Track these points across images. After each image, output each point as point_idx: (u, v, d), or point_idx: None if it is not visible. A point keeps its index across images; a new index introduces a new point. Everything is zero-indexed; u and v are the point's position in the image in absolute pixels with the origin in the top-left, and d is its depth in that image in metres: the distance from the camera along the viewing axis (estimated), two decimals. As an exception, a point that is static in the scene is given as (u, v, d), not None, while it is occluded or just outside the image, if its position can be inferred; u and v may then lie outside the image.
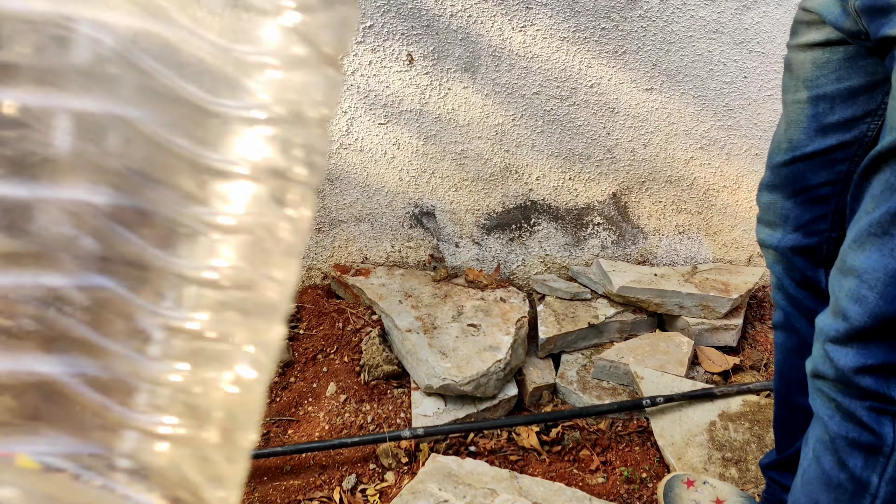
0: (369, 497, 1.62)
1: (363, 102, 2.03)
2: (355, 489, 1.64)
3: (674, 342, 1.99)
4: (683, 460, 1.62)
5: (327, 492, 1.63)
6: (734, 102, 2.11)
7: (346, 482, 1.65)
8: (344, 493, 1.63)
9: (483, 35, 1.98)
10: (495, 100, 2.05)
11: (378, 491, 1.64)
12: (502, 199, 2.19)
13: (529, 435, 1.78)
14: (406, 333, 1.88)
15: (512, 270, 2.27)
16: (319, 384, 1.87)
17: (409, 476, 1.67)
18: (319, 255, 2.23)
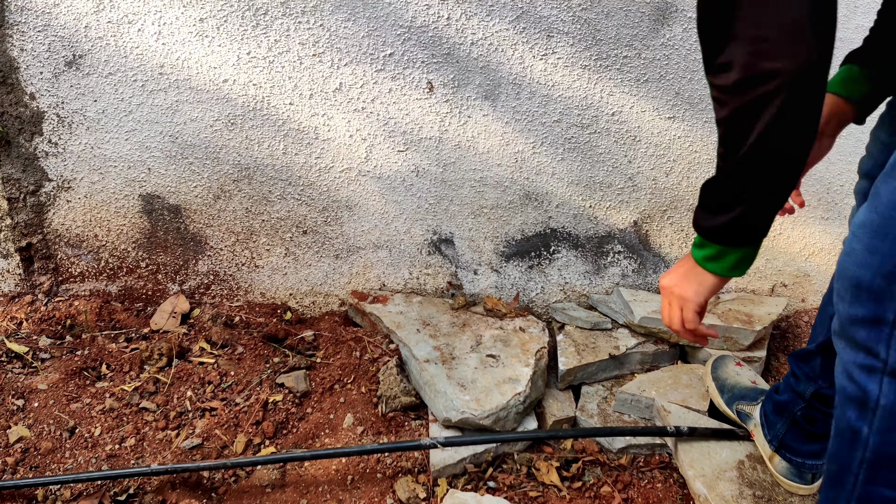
0: (387, 533, 1.60)
1: (383, 130, 2.02)
2: (372, 525, 1.62)
3: (696, 375, 1.95)
4: (716, 491, 1.58)
5: (344, 527, 1.61)
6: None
7: (364, 518, 1.62)
8: (361, 528, 1.60)
9: (504, 63, 1.96)
10: (515, 127, 2.03)
11: (395, 527, 1.61)
12: (521, 227, 2.16)
13: (550, 470, 1.75)
14: (424, 364, 1.85)
15: (531, 298, 2.24)
16: (336, 415, 1.85)
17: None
18: (337, 282, 2.21)
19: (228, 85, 1.95)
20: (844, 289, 1.03)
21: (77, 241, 2.12)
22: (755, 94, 1.01)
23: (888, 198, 0.96)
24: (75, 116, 1.97)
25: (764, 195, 1.12)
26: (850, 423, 1.08)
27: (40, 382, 1.89)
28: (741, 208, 1.14)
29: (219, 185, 2.07)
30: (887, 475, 1.06)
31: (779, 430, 1.62)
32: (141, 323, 2.16)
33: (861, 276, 0.99)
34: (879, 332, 1.00)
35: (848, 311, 1.04)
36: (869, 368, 1.03)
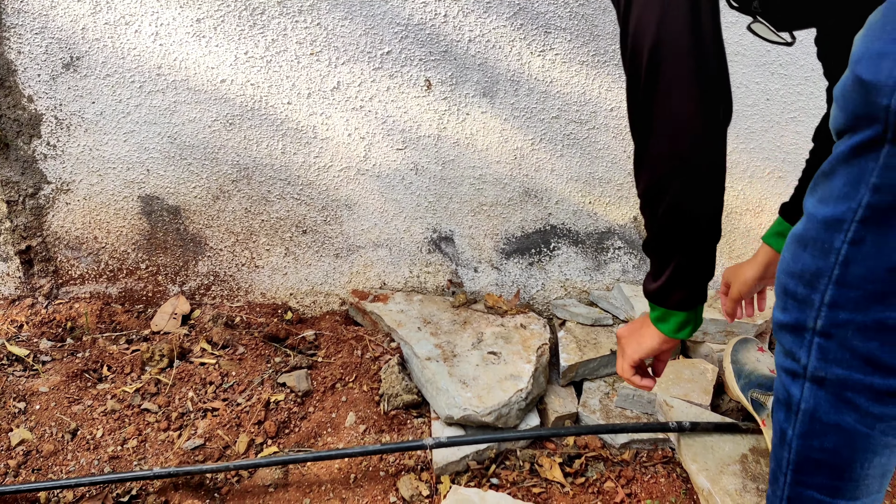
0: (390, 531, 1.59)
1: (381, 128, 2.02)
2: (376, 523, 1.61)
3: (698, 370, 1.95)
4: (719, 485, 1.58)
5: (347, 526, 1.61)
6: (756, 125, 2.08)
7: (367, 516, 1.62)
8: (364, 527, 1.60)
9: (501, 60, 1.96)
10: (514, 124, 2.03)
11: (399, 525, 1.61)
12: (521, 224, 2.16)
13: (552, 467, 1.74)
14: (425, 361, 1.85)
15: (532, 295, 2.24)
16: (338, 414, 1.85)
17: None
18: (337, 281, 2.21)
19: (226, 85, 1.95)
20: (776, 294, 1.06)
21: (77, 244, 2.12)
22: (659, 177, 1.18)
23: (809, 210, 0.99)
24: (73, 118, 1.97)
25: (683, 262, 1.27)
26: (780, 423, 1.11)
27: (41, 385, 1.88)
28: (668, 274, 1.30)
29: (218, 185, 2.07)
30: (810, 479, 1.09)
31: None
32: (141, 324, 2.16)
33: (786, 282, 1.03)
34: (801, 339, 1.02)
35: (777, 315, 1.07)
36: (793, 373, 1.05)
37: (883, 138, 0.87)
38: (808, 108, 2.06)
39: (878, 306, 0.93)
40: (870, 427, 1.00)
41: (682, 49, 1.12)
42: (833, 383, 1.00)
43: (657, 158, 1.19)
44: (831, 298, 0.96)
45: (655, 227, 1.28)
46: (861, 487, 1.07)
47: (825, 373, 1.00)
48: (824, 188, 0.96)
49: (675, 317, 1.37)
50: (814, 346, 1.00)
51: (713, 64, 1.15)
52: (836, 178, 0.94)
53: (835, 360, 0.98)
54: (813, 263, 0.98)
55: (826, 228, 0.96)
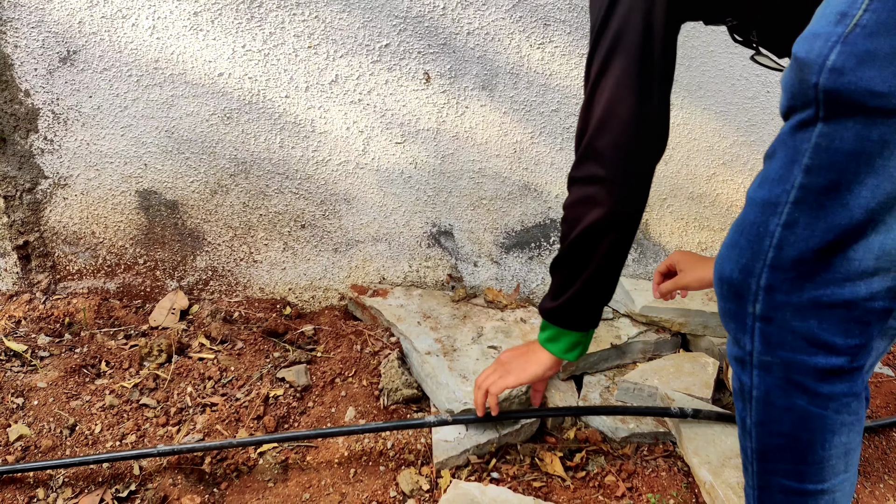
0: (390, 526, 1.59)
1: (380, 122, 2.01)
2: (376, 518, 1.61)
3: (699, 363, 1.94)
4: (721, 478, 1.58)
5: (348, 521, 1.60)
6: (757, 117, 2.07)
7: (367, 511, 1.61)
8: (365, 522, 1.59)
9: (501, 53, 1.95)
10: (513, 117, 2.02)
11: (399, 520, 1.60)
12: (521, 218, 2.16)
13: (553, 461, 1.74)
14: (425, 356, 1.84)
15: (532, 290, 2.23)
16: (338, 409, 1.84)
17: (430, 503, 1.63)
18: (336, 276, 2.20)
19: (224, 79, 1.94)
20: (715, 281, 1.06)
21: (74, 239, 2.11)
22: (575, 217, 1.32)
23: (749, 195, 1.00)
24: (70, 113, 1.96)
25: (586, 286, 1.39)
26: (739, 413, 1.12)
27: (40, 380, 1.88)
28: (569, 294, 1.40)
29: (216, 179, 2.06)
30: (774, 465, 1.09)
31: None
32: (140, 320, 2.15)
33: (723, 269, 1.02)
34: (744, 325, 1.02)
35: (720, 303, 1.06)
36: (741, 361, 1.05)
37: (816, 117, 0.88)
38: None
39: (809, 285, 0.93)
40: (822, 407, 1.00)
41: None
42: (779, 367, 1.00)
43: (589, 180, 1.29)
44: (767, 282, 0.96)
45: (568, 247, 1.37)
46: (826, 469, 1.07)
47: (770, 357, 1.00)
48: (765, 171, 0.97)
49: (567, 337, 1.48)
50: (756, 332, 1.00)
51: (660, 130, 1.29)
52: (774, 161, 0.95)
53: (778, 343, 0.99)
54: (748, 248, 0.98)
55: (762, 212, 0.96)
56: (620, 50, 1.20)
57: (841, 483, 1.08)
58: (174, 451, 1.62)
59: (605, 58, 1.21)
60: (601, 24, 1.21)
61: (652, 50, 1.22)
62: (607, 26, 1.20)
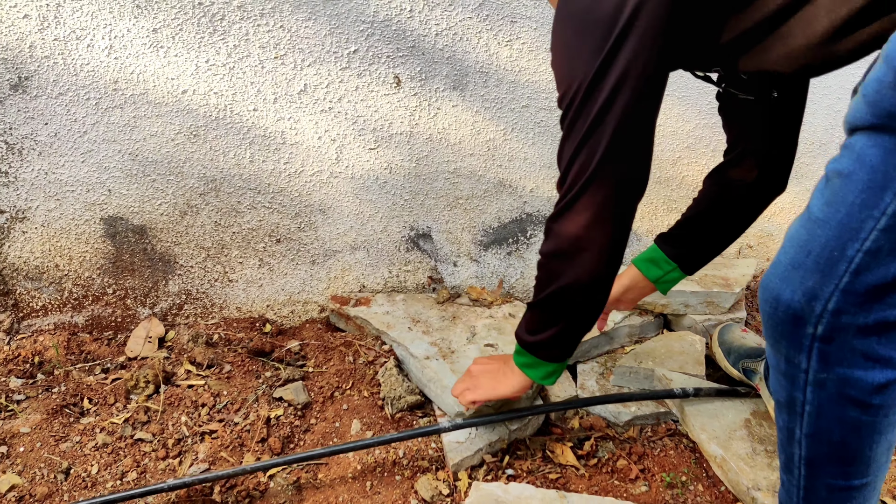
0: (417, 535, 1.58)
1: (352, 129, 1.98)
2: (400, 528, 1.59)
3: (687, 341, 2.00)
4: (731, 451, 1.64)
5: (372, 535, 1.58)
6: (717, 100, 2.14)
7: (391, 522, 1.60)
8: (390, 533, 1.58)
9: (469, 52, 1.95)
10: (485, 116, 2.03)
11: (425, 528, 1.59)
12: (498, 214, 2.17)
13: (564, 451, 1.76)
14: (424, 361, 1.84)
15: (512, 284, 2.25)
16: (342, 423, 1.81)
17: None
18: (315, 288, 2.16)
19: (188, 96, 1.88)
20: (765, 301, 1.04)
21: (37, 274, 2.00)
22: (555, 269, 1.34)
23: (816, 214, 0.97)
24: (25, 142, 1.86)
25: (559, 335, 1.43)
26: (785, 423, 1.14)
27: (21, 426, 1.77)
28: (549, 334, 1.44)
29: (185, 200, 1.99)
30: (824, 470, 1.12)
31: None
32: (114, 352, 2.06)
33: (781, 291, 1.00)
34: (800, 345, 1.01)
35: (770, 322, 1.05)
36: (792, 377, 1.06)
37: None
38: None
39: (878, 306, 0.93)
40: (873, 416, 1.02)
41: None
42: (834, 383, 1.01)
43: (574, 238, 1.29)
44: (836, 306, 0.95)
45: (547, 297, 1.40)
46: (871, 466, 1.10)
47: (827, 374, 1.01)
48: (837, 191, 0.93)
49: (545, 367, 1.51)
50: (814, 352, 1.00)
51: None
52: (852, 182, 0.91)
53: (836, 361, 0.99)
54: (817, 271, 0.96)
55: (837, 235, 0.93)
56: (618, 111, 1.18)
57: (881, 472, 1.13)
58: (186, 484, 1.56)
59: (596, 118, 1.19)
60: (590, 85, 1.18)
61: (654, 108, 1.25)
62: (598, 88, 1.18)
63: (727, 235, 1.65)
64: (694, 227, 1.66)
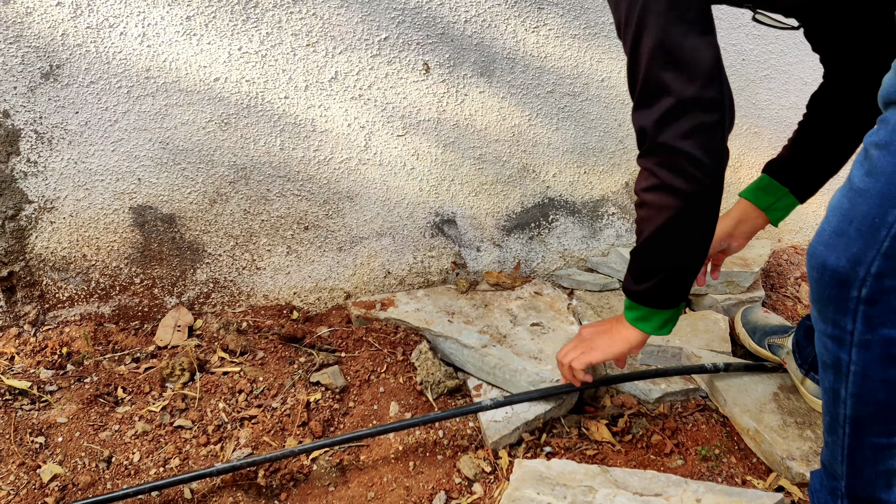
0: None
1: (381, 116, 2.00)
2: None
3: (710, 320, 2.05)
4: (763, 423, 1.69)
5: (420, 512, 1.61)
6: (734, 84, 2.16)
7: (437, 500, 1.62)
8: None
9: (497, 38, 1.98)
10: (511, 102, 2.06)
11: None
12: (521, 199, 2.20)
13: (599, 428, 1.80)
14: (483, 350, 1.86)
15: (532, 268, 2.29)
16: (380, 406, 1.84)
17: (495, 485, 1.66)
18: (342, 275, 2.18)
19: (220, 83, 1.88)
20: (812, 267, 1.10)
21: (64, 265, 1.99)
22: (654, 200, 1.30)
23: (857, 185, 1.02)
24: (55, 131, 1.85)
25: (670, 274, 1.38)
26: (830, 384, 1.18)
27: (58, 416, 1.77)
28: (656, 279, 1.39)
29: (214, 188, 1.99)
30: (868, 428, 1.17)
31: (808, 353, 1.74)
32: (142, 342, 2.06)
33: (827, 257, 1.06)
34: (846, 308, 1.07)
35: (817, 289, 1.11)
36: (838, 339, 1.11)
37: None
38: (778, 65, 2.20)
39: None
40: None
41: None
42: (878, 343, 1.06)
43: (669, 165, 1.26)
44: (878, 269, 1.01)
45: (651, 235, 1.35)
46: None
47: (871, 335, 1.06)
48: (876, 162, 0.99)
49: (659, 316, 1.47)
50: (859, 314, 1.06)
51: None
52: (890, 153, 0.97)
53: (879, 322, 1.05)
54: (859, 238, 1.01)
55: (879, 204, 0.99)
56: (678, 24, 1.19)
57: None
58: (234, 468, 1.58)
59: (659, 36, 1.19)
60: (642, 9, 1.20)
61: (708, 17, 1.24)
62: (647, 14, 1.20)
63: (838, 156, 1.60)
64: (803, 148, 1.61)
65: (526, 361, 1.81)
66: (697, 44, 1.20)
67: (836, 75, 1.55)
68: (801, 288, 2.35)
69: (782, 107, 2.28)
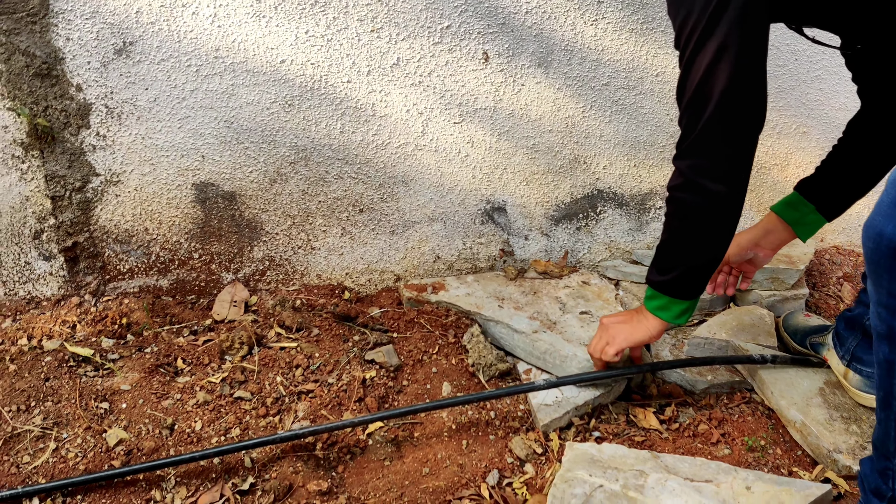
0: (517, 490, 1.65)
1: (439, 103, 2.04)
2: (500, 484, 1.67)
3: (756, 315, 2.08)
4: (810, 416, 1.72)
5: (474, 489, 1.65)
6: (785, 84, 2.22)
7: (491, 478, 1.67)
8: (491, 488, 1.65)
9: (556, 30, 2.02)
10: (566, 93, 2.10)
11: (524, 483, 1.67)
12: (571, 190, 2.24)
13: (647, 416, 1.84)
14: (533, 335, 1.91)
15: (578, 259, 2.32)
16: (433, 385, 1.88)
17: (546, 466, 1.70)
18: (392, 258, 2.23)
19: (286, 66, 1.93)
20: (869, 237, 1.15)
21: (126, 237, 2.05)
22: (684, 199, 1.46)
23: None
24: (125, 106, 1.90)
25: (691, 267, 1.53)
26: (885, 356, 1.23)
27: (121, 383, 1.83)
28: (678, 272, 1.54)
29: (275, 168, 2.04)
30: None
31: (850, 345, 1.78)
32: (198, 315, 2.11)
33: (884, 226, 1.11)
34: None
35: (872, 256, 1.15)
36: (893, 309, 1.16)
37: None
38: (830, 66, 2.22)
39: None
40: None
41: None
42: None
43: (700, 168, 1.40)
44: None
45: (677, 230, 1.51)
46: None
47: None
48: None
49: (677, 305, 1.61)
50: None
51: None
52: None
53: None
54: None
55: None
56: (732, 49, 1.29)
57: None
58: (297, 436, 1.63)
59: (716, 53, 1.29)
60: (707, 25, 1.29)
61: (763, 43, 1.33)
62: (713, 31, 1.29)
63: (866, 180, 1.70)
64: (833, 169, 1.72)
65: (576, 348, 1.85)
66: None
67: (873, 107, 1.65)
68: (843, 287, 2.38)
69: (832, 107, 2.30)
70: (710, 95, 1.32)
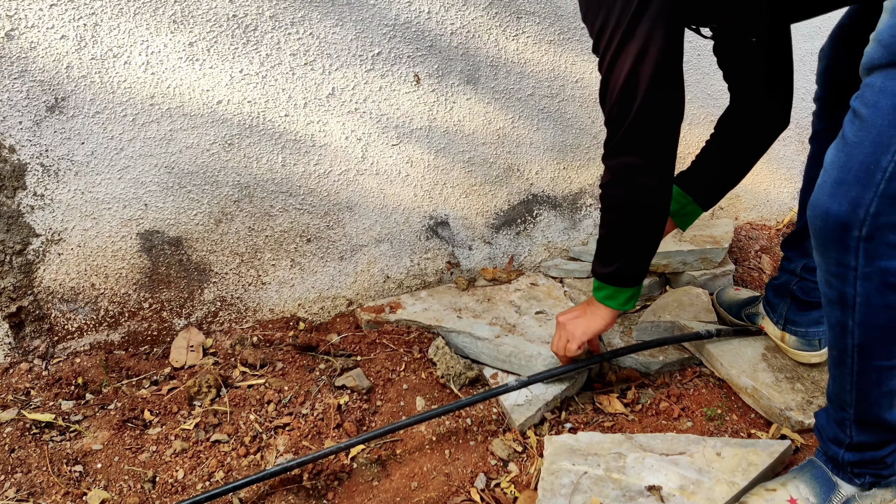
0: (506, 490, 1.72)
1: (376, 127, 2.10)
2: (489, 486, 1.73)
3: (693, 294, 2.23)
4: (759, 381, 1.87)
5: (465, 495, 1.71)
6: (692, 77, 2.39)
7: (478, 481, 1.73)
8: (481, 492, 1.71)
9: (481, 48, 2.11)
10: (496, 106, 2.19)
11: (511, 482, 1.74)
12: (507, 198, 2.33)
13: (612, 401, 1.95)
14: (497, 340, 1.98)
15: (520, 262, 2.42)
16: (406, 401, 1.93)
17: (529, 462, 1.78)
18: (343, 283, 2.26)
19: (223, 106, 1.94)
20: (815, 216, 1.26)
21: (72, 295, 2.00)
22: (617, 195, 1.58)
23: (850, 139, 1.20)
24: (62, 163, 1.87)
25: (632, 256, 1.67)
26: (837, 319, 1.34)
27: (92, 443, 1.79)
28: (620, 263, 1.68)
29: (220, 208, 2.04)
30: (874, 351, 1.33)
31: (782, 310, 1.95)
32: (155, 365, 2.08)
33: (829, 204, 1.23)
34: (848, 247, 1.23)
35: (820, 233, 1.27)
36: (842, 277, 1.27)
37: None
38: (728, 58, 2.41)
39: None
40: None
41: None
42: (877, 274, 1.22)
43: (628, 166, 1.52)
44: (876, 209, 1.17)
45: (613, 225, 1.63)
46: None
47: (870, 268, 1.22)
48: (865, 120, 1.17)
49: (624, 293, 1.74)
50: (860, 251, 1.21)
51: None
52: (878, 109, 1.14)
53: (877, 255, 1.21)
54: (857, 184, 1.18)
55: (872, 152, 1.16)
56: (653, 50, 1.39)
57: None
58: (285, 468, 1.64)
59: (638, 55, 1.40)
60: (628, 28, 1.39)
61: (680, 42, 1.46)
62: (634, 33, 1.39)
63: (737, 170, 1.87)
64: (706, 164, 1.88)
65: (539, 346, 1.95)
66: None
67: (735, 94, 1.82)
68: (763, 259, 2.58)
69: (732, 96, 2.50)
70: (635, 95, 1.43)
